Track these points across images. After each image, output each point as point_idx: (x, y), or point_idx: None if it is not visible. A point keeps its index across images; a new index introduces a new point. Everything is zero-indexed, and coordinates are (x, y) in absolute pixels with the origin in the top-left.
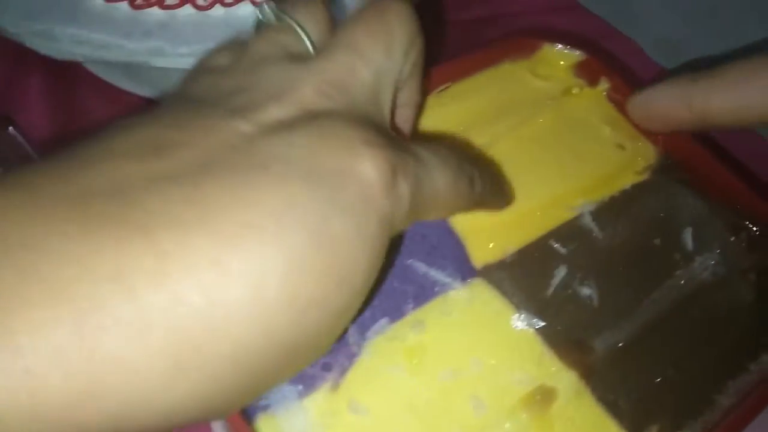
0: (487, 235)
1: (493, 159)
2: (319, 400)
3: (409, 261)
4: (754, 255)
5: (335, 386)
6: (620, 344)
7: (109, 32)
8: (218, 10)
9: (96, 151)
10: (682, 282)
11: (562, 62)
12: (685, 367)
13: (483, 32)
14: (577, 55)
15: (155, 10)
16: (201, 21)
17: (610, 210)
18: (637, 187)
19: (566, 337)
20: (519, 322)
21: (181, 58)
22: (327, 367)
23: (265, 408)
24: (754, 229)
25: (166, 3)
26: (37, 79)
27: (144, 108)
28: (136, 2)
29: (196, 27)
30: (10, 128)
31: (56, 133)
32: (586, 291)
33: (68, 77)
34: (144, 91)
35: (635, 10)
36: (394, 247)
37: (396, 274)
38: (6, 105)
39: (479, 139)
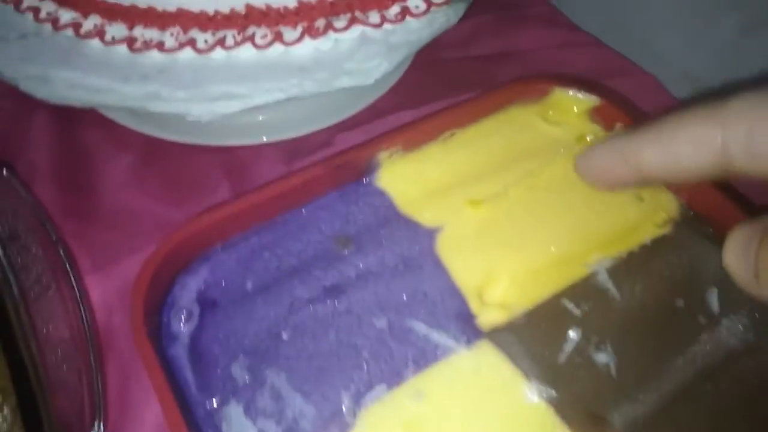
0: (495, 293)
1: (502, 211)
2: None
3: (410, 322)
4: None
5: None
6: (640, 418)
7: (105, 76)
8: (219, 53)
9: None
10: (707, 348)
11: (575, 108)
12: None
13: (493, 70)
14: (590, 99)
15: (154, 53)
16: (201, 65)
17: (627, 267)
18: (657, 242)
19: (581, 409)
20: (529, 392)
21: (178, 102)
22: None
23: None
24: None
25: (165, 46)
26: (42, 116)
27: (146, 147)
28: (135, 45)
29: (195, 71)
30: (4, 170)
31: (58, 171)
32: (602, 358)
33: (72, 115)
34: (147, 129)
35: (657, 46)
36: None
37: (395, 336)
38: (10, 142)
39: (488, 189)
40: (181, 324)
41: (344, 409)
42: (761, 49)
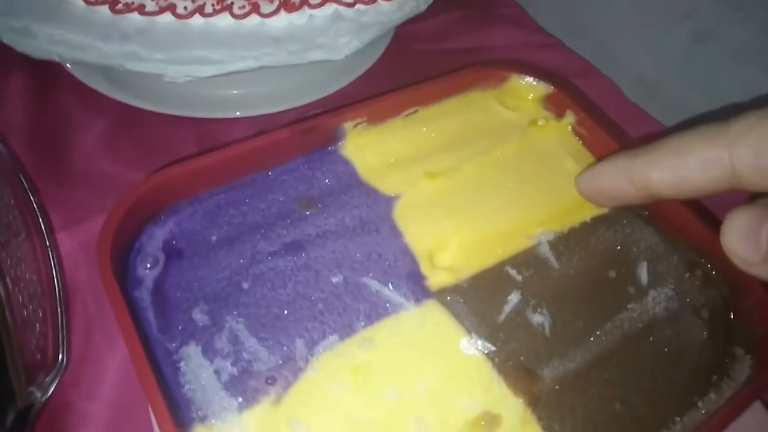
0: (445, 257)
1: (456, 184)
2: (259, 414)
3: (364, 279)
4: (708, 292)
5: (277, 400)
6: (569, 374)
7: (86, 34)
8: (198, 20)
9: None
10: (635, 315)
11: (531, 95)
12: (633, 401)
13: (463, 61)
14: (544, 87)
15: (135, 16)
16: (179, 29)
17: (568, 241)
18: (597, 220)
19: (515, 363)
20: (469, 345)
21: (155, 63)
22: (271, 381)
23: (203, 419)
24: (709, 266)
25: (146, 9)
26: (18, 78)
27: (122, 114)
28: (117, 6)
29: (174, 34)
30: None
31: (32, 132)
32: (538, 318)
33: (49, 79)
34: (123, 97)
35: (614, 51)
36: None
37: (349, 292)
38: None
39: (444, 164)
40: (147, 270)
41: (297, 354)
42: (710, 56)
